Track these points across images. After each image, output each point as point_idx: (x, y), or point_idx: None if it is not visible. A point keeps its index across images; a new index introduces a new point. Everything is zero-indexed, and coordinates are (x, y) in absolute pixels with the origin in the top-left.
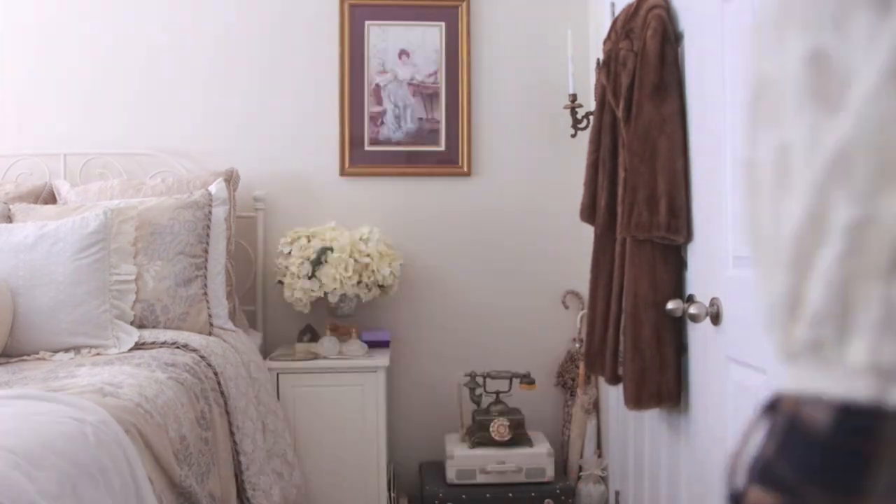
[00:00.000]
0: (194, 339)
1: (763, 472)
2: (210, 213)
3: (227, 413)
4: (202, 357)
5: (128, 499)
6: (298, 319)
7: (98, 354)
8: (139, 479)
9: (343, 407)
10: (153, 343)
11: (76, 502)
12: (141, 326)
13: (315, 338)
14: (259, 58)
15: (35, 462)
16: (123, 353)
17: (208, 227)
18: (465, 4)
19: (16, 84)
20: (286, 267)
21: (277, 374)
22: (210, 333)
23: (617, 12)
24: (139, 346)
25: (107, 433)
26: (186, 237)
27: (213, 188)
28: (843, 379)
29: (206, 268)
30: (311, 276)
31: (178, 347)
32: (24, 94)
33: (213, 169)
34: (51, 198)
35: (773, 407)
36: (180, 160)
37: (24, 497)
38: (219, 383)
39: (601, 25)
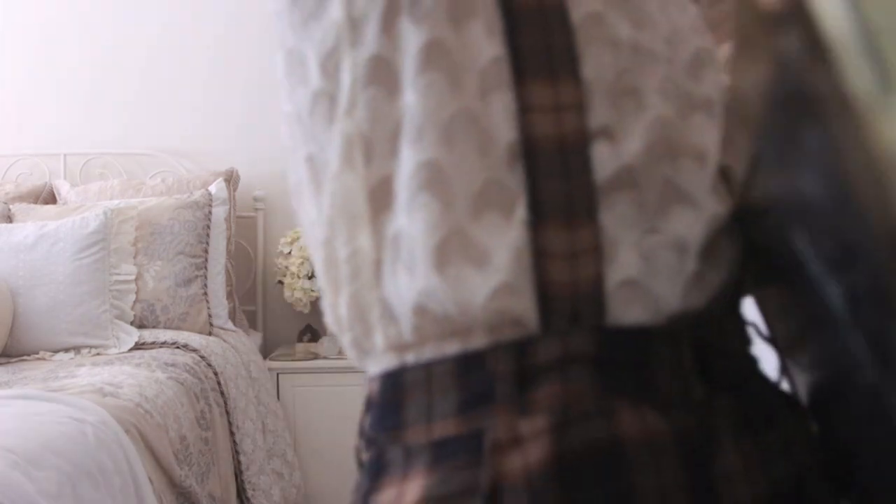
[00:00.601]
0: (194, 340)
1: (361, 432)
2: (210, 213)
3: (227, 413)
4: (202, 357)
5: (127, 498)
6: (298, 319)
7: (98, 354)
8: (139, 478)
9: (343, 407)
10: (153, 343)
11: (76, 502)
12: (141, 326)
13: (315, 338)
14: (259, 58)
15: (35, 462)
16: (123, 353)
17: (208, 227)
18: None
19: (16, 84)
20: (286, 267)
21: (277, 374)
22: (210, 333)
23: None
24: (139, 346)
25: (107, 433)
26: (186, 237)
27: (213, 188)
28: (378, 358)
29: (206, 268)
30: (311, 276)
31: (177, 347)
32: (24, 94)
33: (214, 169)
34: (51, 198)
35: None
36: (180, 160)
37: (24, 497)
38: (219, 383)
39: None
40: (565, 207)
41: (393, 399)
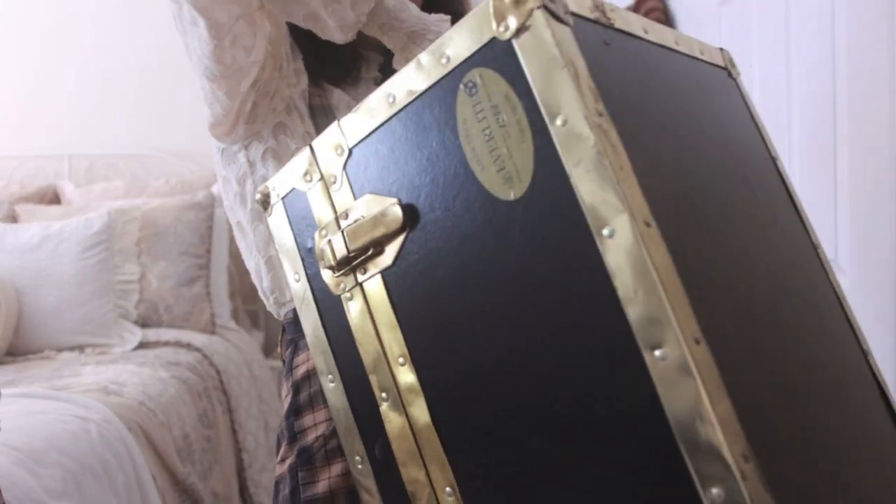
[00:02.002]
0: (197, 339)
1: (282, 338)
2: (213, 213)
3: (230, 411)
4: (205, 356)
5: (131, 496)
6: None
7: (102, 353)
8: (142, 476)
9: None
10: (156, 342)
11: (80, 499)
12: (144, 326)
13: None
14: None
15: (40, 459)
16: (127, 352)
17: (211, 227)
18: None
19: (20, 85)
20: None
21: (279, 373)
22: (213, 333)
23: None
24: (143, 345)
25: (110, 431)
26: (189, 237)
27: (216, 189)
28: (287, 306)
29: (208, 268)
30: None
31: (181, 346)
32: (28, 96)
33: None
34: (55, 199)
35: None
36: (184, 161)
37: (29, 494)
38: (221, 382)
39: None
40: None
41: (296, 319)
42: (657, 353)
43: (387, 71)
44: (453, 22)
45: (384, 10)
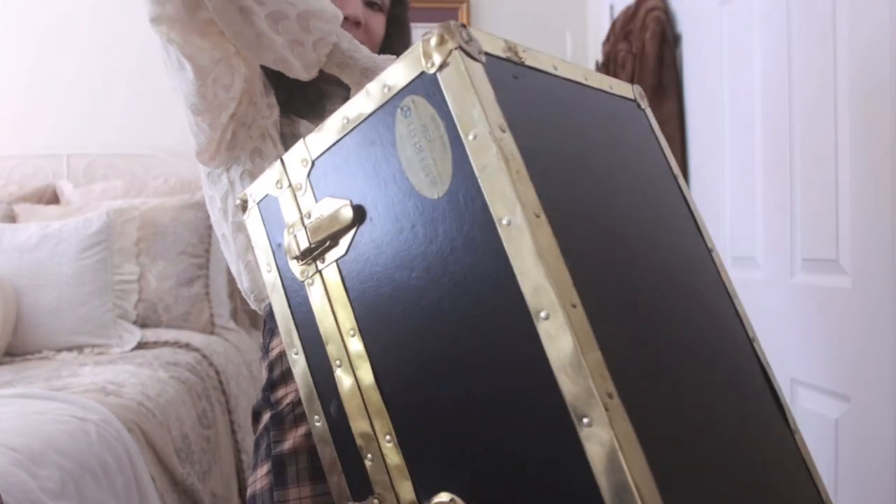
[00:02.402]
0: (196, 339)
1: (265, 327)
2: None
3: (229, 412)
4: (204, 356)
5: (130, 497)
6: None
7: (101, 354)
8: (141, 477)
9: None
10: (155, 342)
11: (78, 500)
12: (143, 326)
13: None
14: None
15: (38, 460)
16: (126, 352)
17: (210, 227)
18: (464, 6)
19: (19, 85)
20: None
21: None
22: (212, 333)
23: (616, 14)
24: (142, 345)
25: (109, 431)
26: (189, 237)
27: None
28: (265, 301)
29: (208, 268)
30: None
31: (180, 347)
32: (27, 95)
33: None
34: (54, 198)
35: None
36: (183, 161)
37: (28, 494)
38: (220, 382)
39: (600, 27)
40: None
41: (272, 313)
42: (542, 314)
43: None
44: None
45: (340, 51)
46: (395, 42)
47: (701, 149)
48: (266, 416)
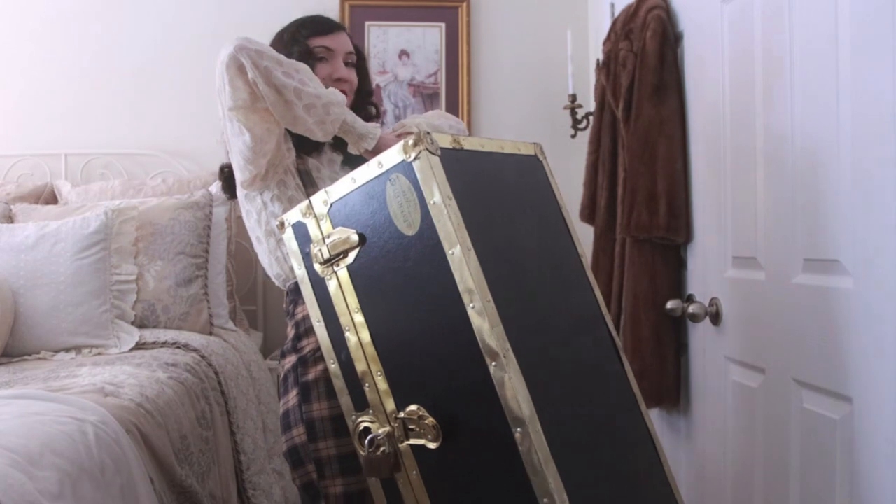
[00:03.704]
0: (195, 339)
1: (288, 295)
2: (210, 213)
3: (228, 413)
4: (203, 357)
5: (128, 498)
6: None
7: (99, 354)
8: (140, 478)
9: None
10: (154, 343)
11: (76, 502)
12: (142, 326)
13: None
14: None
15: (36, 461)
16: (124, 352)
17: (209, 227)
18: (465, 5)
19: (17, 84)
20: None
21: (277, 374)
22: (211, 333)
23: (617, 13)
24: (140, 345)
25: (107, 433)
26: (187, 237)
27: (213, 188)
28: (291, 280)
29: (206, 268)
30: None
31: (178, 347)
32: (25, 95)
33: (214, 169)
34: (52, 198)
35: None
36: (181, 160)
37: (25, 496)
38: (219, 383)
39: (601, 26)
40: None
41: (296, 288)
42: (470, 304)
43: (340, 148)
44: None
45: (346, 123)
46: (362, 86)
47: (702, 148)
48: (293, 358)
